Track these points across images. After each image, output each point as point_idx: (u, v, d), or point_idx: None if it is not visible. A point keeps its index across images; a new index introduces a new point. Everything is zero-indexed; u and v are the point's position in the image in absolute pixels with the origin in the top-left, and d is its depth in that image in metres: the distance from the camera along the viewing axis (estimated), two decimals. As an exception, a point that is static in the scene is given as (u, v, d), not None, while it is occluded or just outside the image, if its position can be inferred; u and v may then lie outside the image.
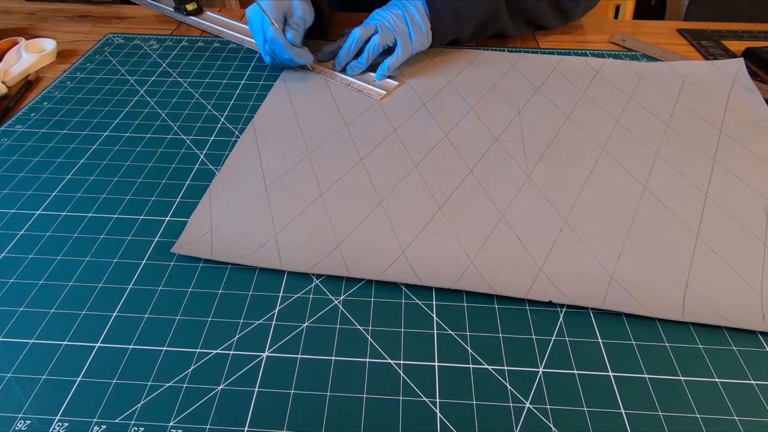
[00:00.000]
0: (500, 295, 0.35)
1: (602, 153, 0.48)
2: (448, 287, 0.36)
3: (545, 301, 0.35)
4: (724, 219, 0.41)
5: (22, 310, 0.35)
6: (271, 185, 0.44)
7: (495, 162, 0.47)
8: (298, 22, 0.58)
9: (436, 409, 0.30)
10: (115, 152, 0.49)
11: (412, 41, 0.58)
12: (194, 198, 0.43)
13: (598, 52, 0.67)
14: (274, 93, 0.56)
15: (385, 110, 0.54)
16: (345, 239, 0.39)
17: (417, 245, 0.39)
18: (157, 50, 0.66)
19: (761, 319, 0.34)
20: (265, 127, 0.51)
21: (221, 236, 0.39)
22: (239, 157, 0.47)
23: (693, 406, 0.30)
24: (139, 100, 0.56)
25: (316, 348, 0.33)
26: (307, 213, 0.41)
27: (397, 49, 0.58)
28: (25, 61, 0.61)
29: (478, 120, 0.52)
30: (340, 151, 0.48)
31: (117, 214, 0.42)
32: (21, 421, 0.29)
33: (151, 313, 0.34)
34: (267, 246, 0.38)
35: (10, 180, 0.45)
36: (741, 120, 0.53)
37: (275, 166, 0.46)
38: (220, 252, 0.38)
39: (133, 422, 0.29)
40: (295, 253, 0.38)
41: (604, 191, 0.44)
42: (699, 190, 0.44)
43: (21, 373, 0.31)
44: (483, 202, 0.42)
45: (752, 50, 0.66)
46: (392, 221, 0.41)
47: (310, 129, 0.51)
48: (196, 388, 0.30)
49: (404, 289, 0.36)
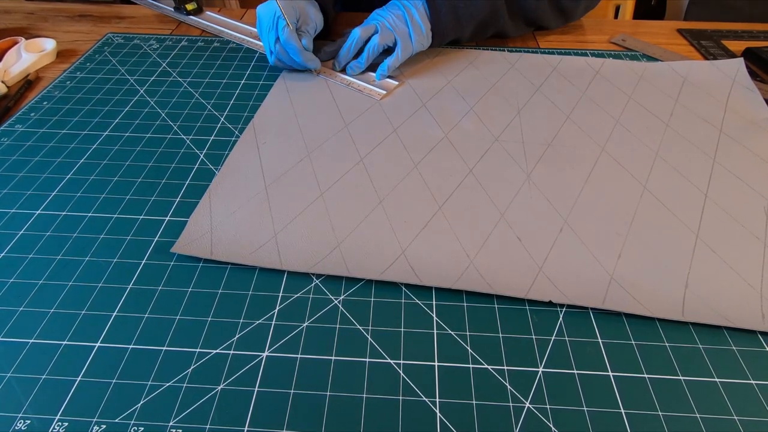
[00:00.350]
0: (500, 295, 0.35)
1: (602, 153, 0.48)
2: (448, 287, 0.36)
3: (545, 301, 0.35)
4: (724, 219, 0.41)
5: (22, 310, 0.35)
6: (271, 185, 0.44)
7: (495, 162, 0.47)
8: (311, 26, 0.58)
9: (436, 409, 0.30)
10: (115, 152, 0.49)
11: (412, 41, 0.58)
12: (194, 198, 0.43)
13: (598, 52, 0.67)
14: (274, 93, 0.56)
15: (385, 110, 0.54)
16: (345, 239, 0.39)
17: (417, 245, 0.39)
18: (157, 50, 0.66)
19: (761, 319, 0.34)
20: (265, 127, 0.51)
21: (221, 236, 0.39)
22: (239, 157, 0.47)
23: (693, 406, 0.30)
24: (138, 100, 0.56)
25: (316, 348, 0.33)
26: (307, 213, 0.41)
27: (397, 49, 0.58)
28: (25, 60, 0.61)
29: (478, 120, 0.52)
30: (340, 151, 0.48)
31: (117, 213, 0.42)
32: (21, 421, 0.29)
33: (151, 313, 0.34)
34: (267, 246, 0.38)
35: (10, 180, 0.45)
36: (741, 120, 0.53)
37: (275, 165, 0.46)
38: (220, 252, 0.38)
39: (133, 422, 0.29)
40: (295, 252, 0.38)
41: (604, 191, 0.44)
42: (699, 190, 0.44)
43: (21, 373, 0.31)
44: (483, 202, 0.42)
45: (752, 50, 0.66)
46: (392, 221, 0.41)
47: (310, 129, 0.51)
48: (196, 388, 0.30)
49: (404, 289, 0.36)
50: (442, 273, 0.37)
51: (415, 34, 0.58)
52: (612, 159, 0.47)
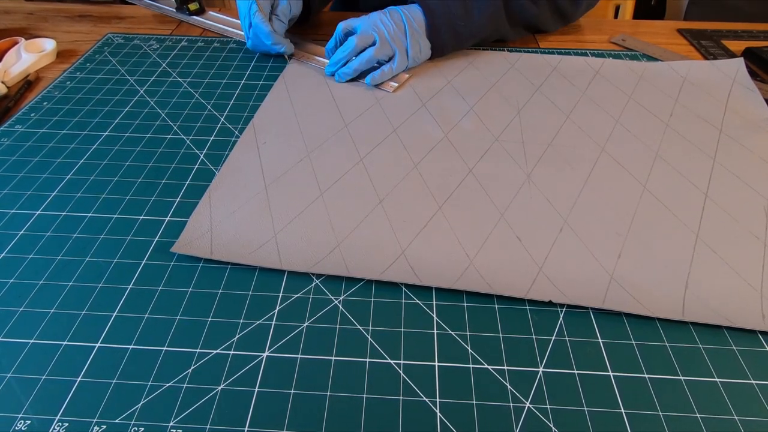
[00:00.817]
0: (500, 295, 0.35)
1: (602, 153, 0.48)
2: (447, 287, 0.36)
3: (545, 301, 0.35)
4: (724, 219, 0.41)
5: (22, 310, 0.35)
6: (271, 185, 0.44)
7: (495, 162, 0.47)
8: (284, 11, 0.60)
9: (436, 409, 0.30)
10: (115, 152, 0.49)
11: (409, 57, 0.58)
12: (194, 198, 0.43)
13: (598, 52, 0.67)
14: (273, 93, 0.56)
15: (385, 110, 0.54)
16: (345, 239, 0.39)
17: (417, 245, 0.39)
18: (156, 50, 0.66)
19: (761, 319, 0.34)
20: (265, 127, 0.51)
21: (221, 236, 0.39)
22: (239, 157, 0.47)
23: (693, 406, 0.30)
24: (138, 100, 0.56)
25: (316, 348, 0.33)
26: (307, 213, 0.41)
27: (393, 63, 0.57)
28: (25, 61, 0.61)
29: (478, 120, 0.52)
30: (340, 151, 0.48)
31: (117, 214, 0.42)
32: (21, 421, 0.29)
33: (151, 313, 0.34)
34: (267, 245, 0.38)
35: (10, 180, 0.45)
36: (741, 120, 0.53)
37: (275, 165, 0.46)
38: (219, 251, 0.38)
39: (133, 422, 0.29)
40: (295, 252, 0.38)
41: (603, 191, 0.44)
42: (699, 189, 0.44)
43: (21, 373, 0.31)
44: (483, 202, 0.42)
45: (752, 50, 0.66)
46: (392, 221, 0.40)
47: (310, 129, 0.51)
48: (196, 388, 0.30)
49: (404, 289, 0.36)
50: (442, 273, 0.37)
51: (412, 50, 0.57)
52: (612, 159, 0.47)
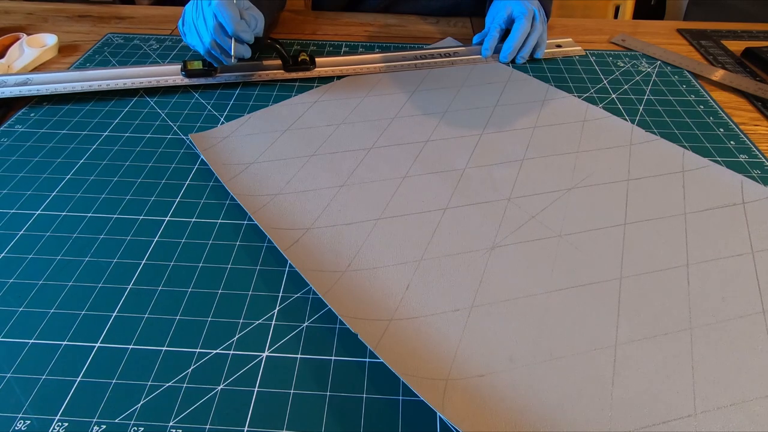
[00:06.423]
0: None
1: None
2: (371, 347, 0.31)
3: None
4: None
5: (22, 310, 0.35)
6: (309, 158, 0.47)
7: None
8: (256, 17, 0.55)
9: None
10: (115, 152, 0.49)
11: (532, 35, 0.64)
12: (194, 198, 0.43)
13: (598, 52, 0.67)
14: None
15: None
16: (313, 228, 0.40)
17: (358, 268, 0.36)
18: (156, 50, 0.66)
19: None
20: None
21: (234, 146, 0.46)
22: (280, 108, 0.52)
23: None
24: (139, 100, 0.56)
25: (315, 348, 0.33)
26: (316, 198, 0.42)
27: (529, 38, 0.63)
28: (28, 56, 0.62)
29: None
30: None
31: (117, 214, 0.42)
32: (21, 421, 0.29)
33: (151, 313, 0.34)
34: (261, 198, 0.42)
35: (10, 180, 0.45)
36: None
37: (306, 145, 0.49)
38: (224, 161, 0.44)
39: (132, 422, 0.29)
40: (277, 220, 0.40)
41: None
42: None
43: (21, 373, 0.31)
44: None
45: (752, 50, 0.66)
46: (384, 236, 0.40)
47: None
48: (195, 388, 0.30)
49: (404, 289, 0.36)
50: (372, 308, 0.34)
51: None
52: None
